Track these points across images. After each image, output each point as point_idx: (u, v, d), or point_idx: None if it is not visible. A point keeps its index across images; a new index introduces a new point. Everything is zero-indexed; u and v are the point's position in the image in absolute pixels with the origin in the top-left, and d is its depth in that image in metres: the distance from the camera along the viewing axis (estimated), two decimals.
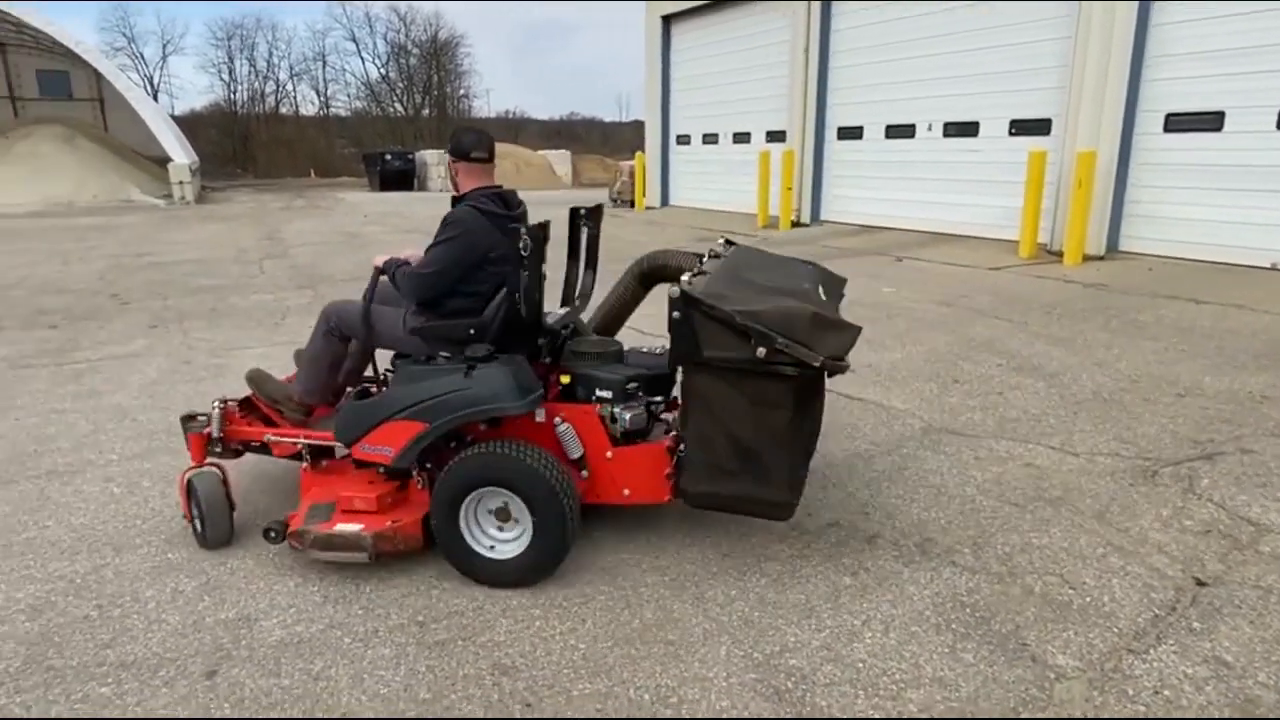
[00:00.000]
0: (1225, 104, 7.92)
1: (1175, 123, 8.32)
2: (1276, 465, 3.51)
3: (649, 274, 3.56)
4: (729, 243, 3.47)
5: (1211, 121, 8.03)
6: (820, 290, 2.93)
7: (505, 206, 3.09)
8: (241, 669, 2.30)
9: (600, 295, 3.63)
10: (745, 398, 2.52)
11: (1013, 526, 3.05)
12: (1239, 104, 7.82)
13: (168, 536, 3.10)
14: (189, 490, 2.99)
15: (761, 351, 2.41)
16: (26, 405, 4.71)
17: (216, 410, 3.17)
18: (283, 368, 5.31)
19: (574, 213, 3.41)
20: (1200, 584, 2.65)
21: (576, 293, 3.42)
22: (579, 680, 2.25)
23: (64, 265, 10.35)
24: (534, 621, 2.51)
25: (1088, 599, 2.58)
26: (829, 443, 3.90)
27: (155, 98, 44.03)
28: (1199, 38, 8.01)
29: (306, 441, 3.09)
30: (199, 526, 3.00)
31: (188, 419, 3.26)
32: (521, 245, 2.82)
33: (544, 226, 3.03)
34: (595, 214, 3.44)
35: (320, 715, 2.12)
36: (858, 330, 2.50)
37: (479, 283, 3.01)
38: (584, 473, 2.85)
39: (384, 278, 3.15)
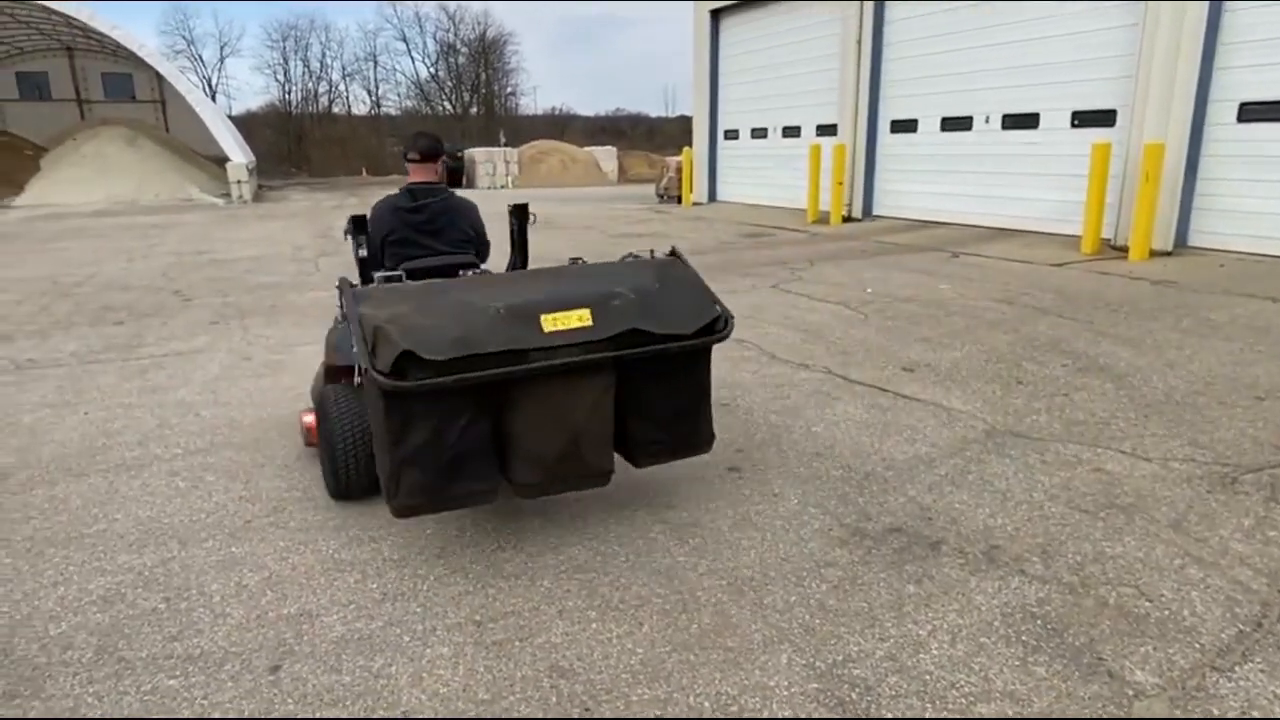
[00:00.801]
0: None
1: (1250, 112, 7.97)
2: None
3: None
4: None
5: None
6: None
7: (411, 199, 3.81)
8: (304, 665, 2.33)
9: None
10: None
11: (1084, 535, 2.94)
12: None
13: (231, 531, 3.16)
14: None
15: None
16: (94, 400, 4.85)
17: None
18: None
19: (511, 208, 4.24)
20: None
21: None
22: (637, 685, 2.22)
23: (128, 262, 10.68)
24: (590, 624, 2.49)
25: (1166, 612, 2.47)
26: (889, 443, 3.82)
27: (213, 99, 45.32)
28: (1275, 21, 7.65)
29: None
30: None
31: None
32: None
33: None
34: (521, 210, 4.26)
35: (362, 715, 2.13)
36: (399, 347, 2.49)
37: (387, 259, 3.74)
38: None
39: None
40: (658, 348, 2.80)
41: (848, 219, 12.87)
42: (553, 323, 2.68)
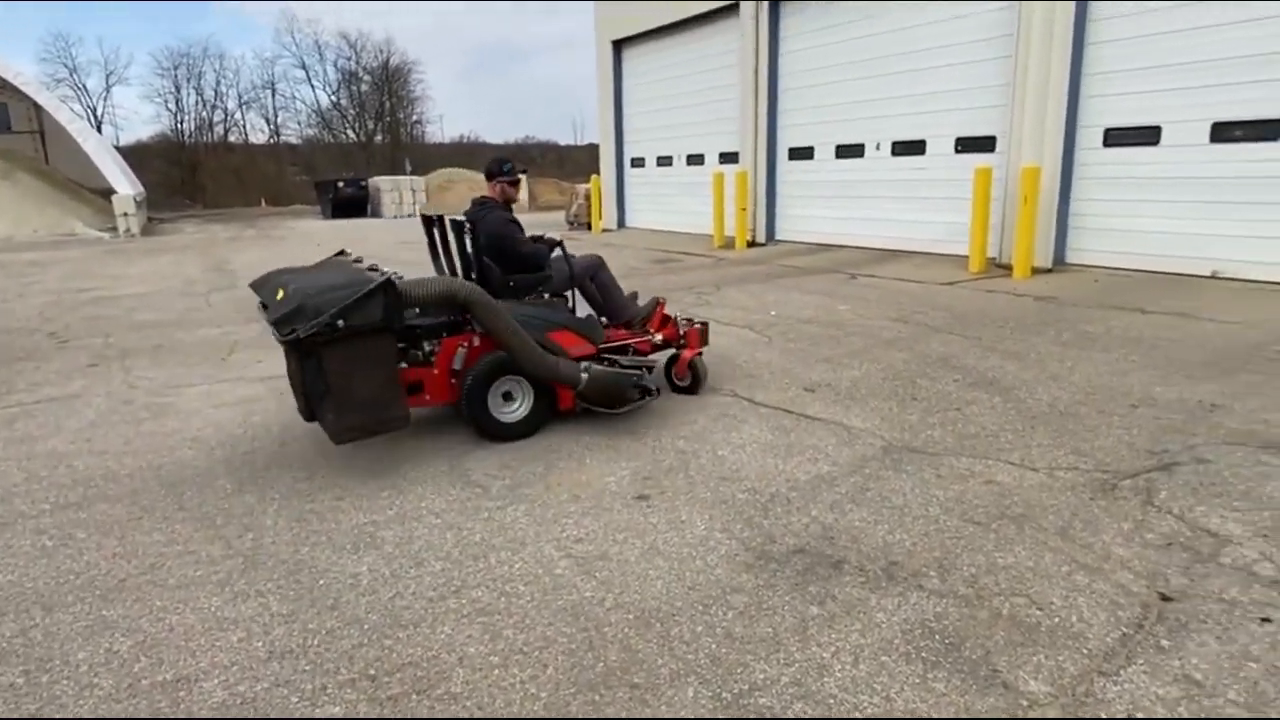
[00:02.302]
0: (1161, 118, 8.18)
1: (1114, 137, 8.56)
2: (1231, 474, 3.55)
3: None
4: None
5: (1149, 135, 8.28)
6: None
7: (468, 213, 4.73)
8: None
9: None
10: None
11: (977, 547, 3.03)
12: (1174, 118, 8.08)
13: (103, 592, 2.93)
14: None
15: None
16: None
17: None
18: (232, 404, 5.14)
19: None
20: (1165, 599, 2.65)
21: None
22: None
23: (0, 302, 9.96)
24: (493, 670, 2.41)
25: (1056, 620, 2.56)
26: (792, 464, 3.87)
27: (99, 129, 43.00)
28: (1134, 56, 8.28)
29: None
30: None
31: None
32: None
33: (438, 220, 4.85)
34: (440, 220, 4.91)
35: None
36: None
37: None
38: None
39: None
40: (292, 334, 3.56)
41: (752, 244, 13.15)
42: (277, 293, 3.79)
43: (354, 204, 27.90)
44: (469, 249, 4.64)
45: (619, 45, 16.91)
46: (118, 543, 3.32)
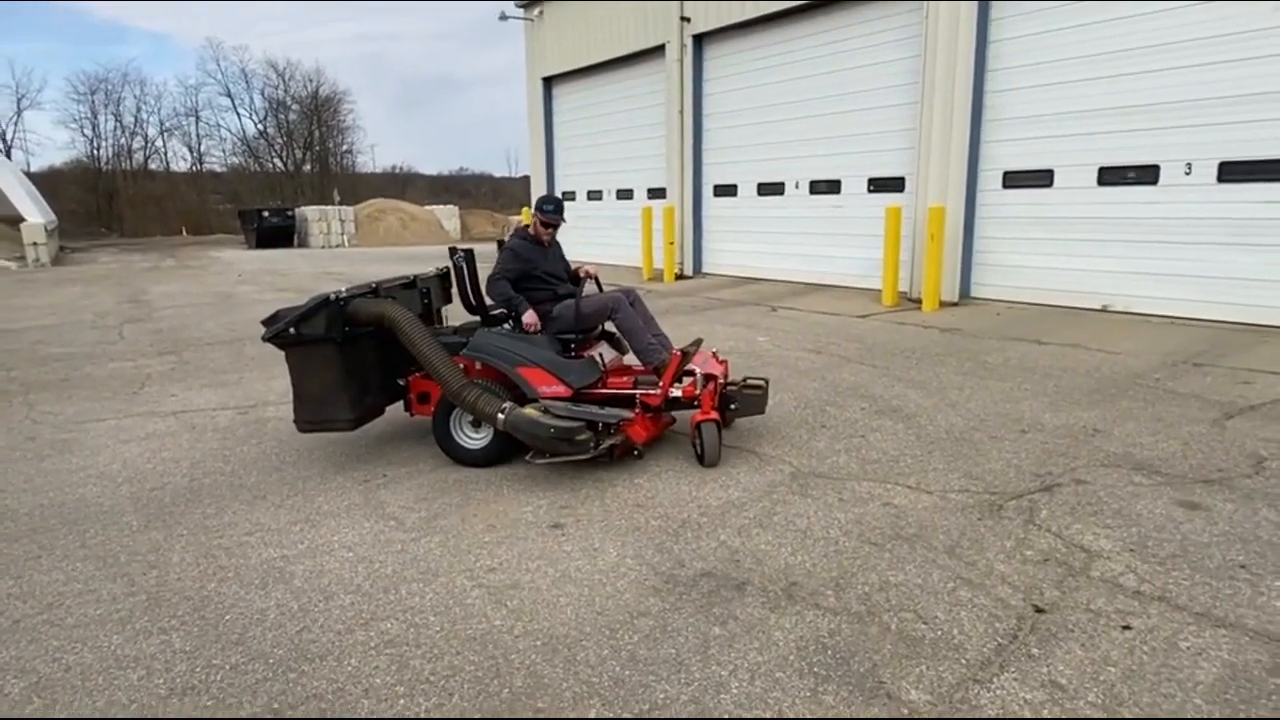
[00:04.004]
0: (1054, 163, 8.75)
1: (1012, 179, 9.12)
2: (1106, 494, 3.83)
3: None
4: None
5: (1043, 178, 8.85)
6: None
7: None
8: None
9: None
10: None
11: (872, 566, 3.19)
12: (1065, 163, 8.66)
13: None
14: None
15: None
16: None
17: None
18: (141, 438, 5.03)
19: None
20: (1039, 611, 2.84)
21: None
22: None
23: None
24: (398, 700, 2.44)
25: (939, 632, 2.72)
26: (705, 490, 4.00)
27: (9, 154, 41.17)
28: (1028, 103, 8.86)
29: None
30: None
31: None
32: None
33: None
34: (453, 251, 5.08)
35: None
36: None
37: None
38: None
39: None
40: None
41: (680, 276, 13.43)
42: None
43: (280, 234, 27.39)
44: (465, 278, 4.95)
45: (549, 82, 17.17)
46: (14, 582, 3.23)
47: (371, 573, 3.26)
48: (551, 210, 4.91)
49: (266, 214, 27.83)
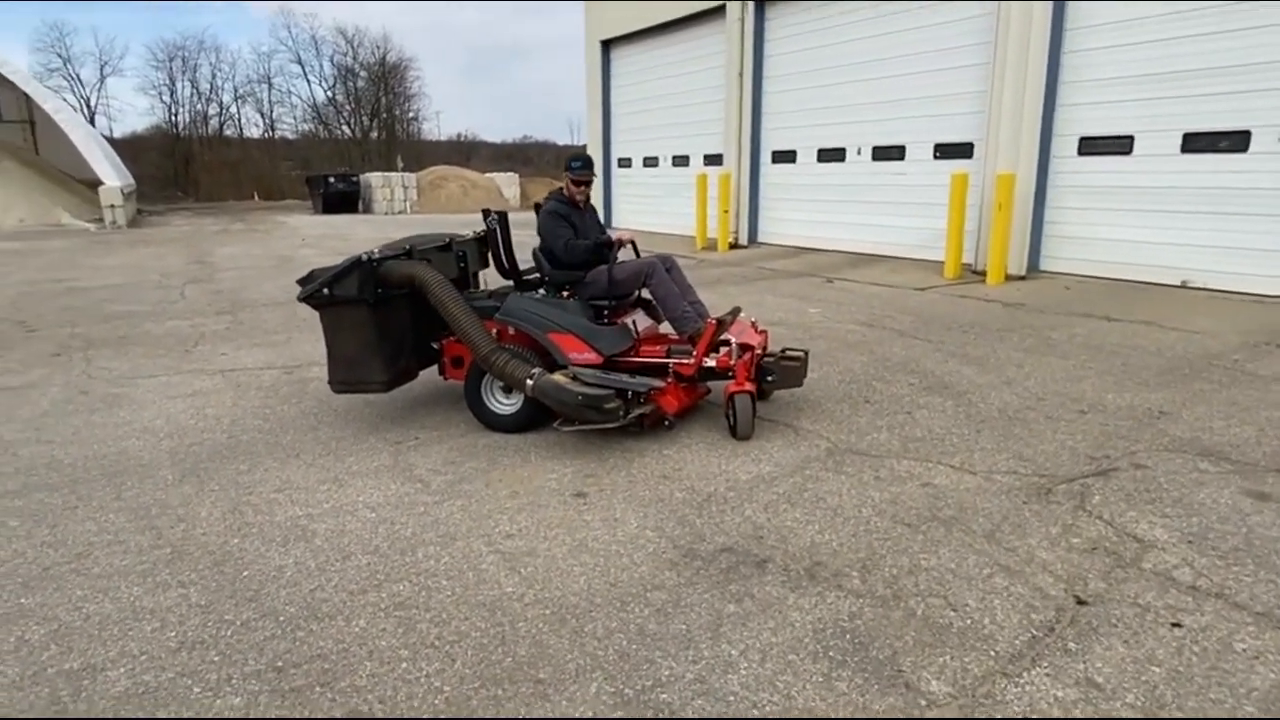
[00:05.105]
0: (1134, 128, 8.21)
1: (1089, 146, 8.59)
2: (1166, 480, 3.56)
3: None
4: None
5: (1122, 145, 8.31)
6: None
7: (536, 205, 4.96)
8: None
9: None
10: None
11: (903, 548, 3.03)
12: (1147, 128, 8.11)
13: (25, 580, 2.92)
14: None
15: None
16: None
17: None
18: (188, 395, 5.13)
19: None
20: (1081, 603, 2.65)
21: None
22: None
23: None
24: (400, 664, 2.40)
25: (968, 621, 2.56)
26: (735, 464, 3.87)
27: (93, 120, 42.81)
28: (1108, 65, 8.31)
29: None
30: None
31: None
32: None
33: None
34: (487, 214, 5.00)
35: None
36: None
37: None
38: None
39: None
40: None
41: (734, 245, 13.16)
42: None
43: (345, 199, 27.89)
44: (499, 242, 4.88)
45: (608, 45, 16.91)
46: (49, 531, 3.31)
47: (391, 534, 3.24)
48: (580, 167, 4.78)
49: (332, 180, 28.33)
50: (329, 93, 51.60)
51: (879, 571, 2.87)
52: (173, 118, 47.24)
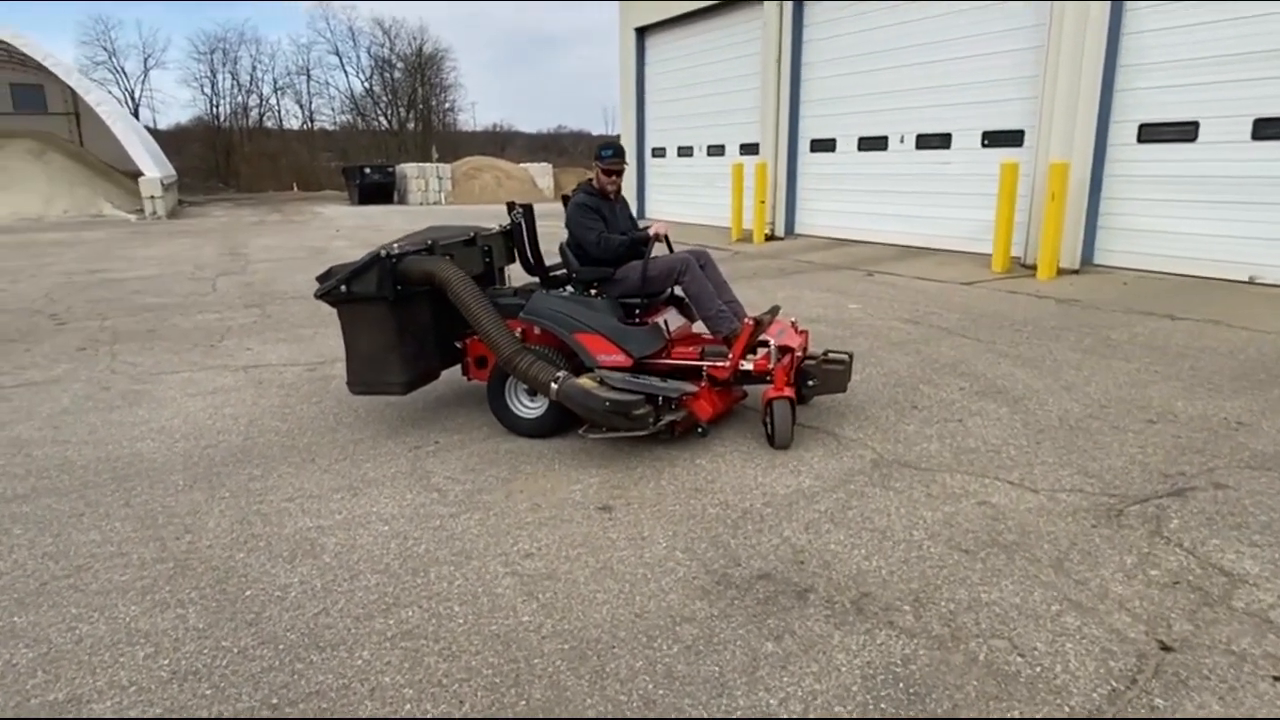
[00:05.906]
0: (1199, 114, 7.72)
1: (1149, 133, 8.12)
2: (1252, 502, 3.23)
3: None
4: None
5: (1186, 132, 7.83)
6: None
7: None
8: None
9: None
10: None
11: (960, 578, 2.75)
12: (1213, 114, 7.63)
13: (19, 596, 2.76)
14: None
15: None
16: None
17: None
18: (208, 393, 5.00)
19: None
20: (1165, 649, 2.35)
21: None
22: None
23: (11, 283, 9.97)
24: (404, 705, 2.19)
25: (1038, 669, 2.28)
26: (772, 476, 3.60)
27: (137, 113, 43.55)
28: (1172, 46, 7.82)
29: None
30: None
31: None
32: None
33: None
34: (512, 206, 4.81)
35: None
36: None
37: None
38: None
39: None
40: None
41: (770, 237, 12.82)
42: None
43: (380, 190, 27.96)
44: (524, 236, 4.71)
45: (642, 32, 16.59)
46: (52, 541, 3.17)
47: (403, 550, 3.04)
48: (610, 155, 4.52)
49: (368, 171, 28.42)
50: (366, 84, 51.88)
51: (934, 606, 2.59)
52: (214, 109, 47.94)
